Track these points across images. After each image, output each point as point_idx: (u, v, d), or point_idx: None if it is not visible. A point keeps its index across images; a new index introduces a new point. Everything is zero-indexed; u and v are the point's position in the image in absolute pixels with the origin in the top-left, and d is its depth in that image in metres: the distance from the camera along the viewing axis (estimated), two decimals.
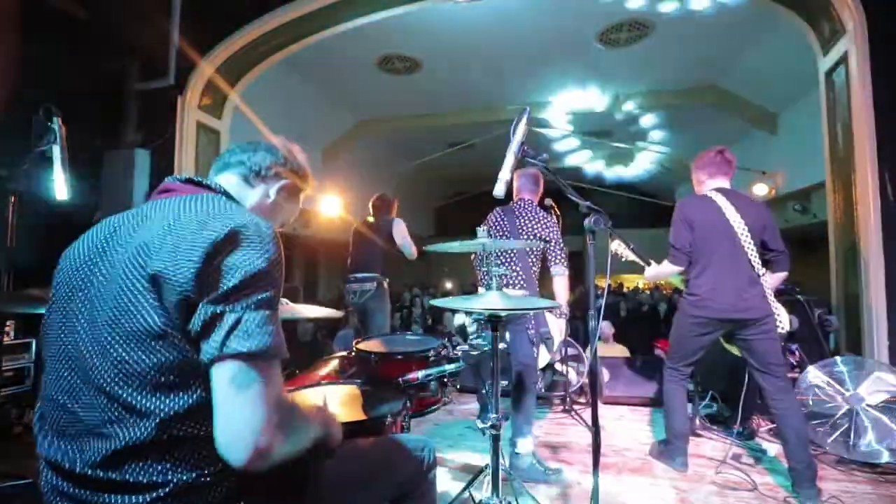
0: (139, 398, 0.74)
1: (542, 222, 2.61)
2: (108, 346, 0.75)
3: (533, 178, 2.73)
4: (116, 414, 0.74)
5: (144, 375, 0.74)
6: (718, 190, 2.44)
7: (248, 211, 0.92)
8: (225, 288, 0.74)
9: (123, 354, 0.74)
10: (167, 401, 0.74)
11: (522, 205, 2.67)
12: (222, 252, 0.75)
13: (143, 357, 0.74)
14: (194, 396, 0.76)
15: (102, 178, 4.21)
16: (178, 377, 0.75)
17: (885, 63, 2.93)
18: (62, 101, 2.25)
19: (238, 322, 0.73)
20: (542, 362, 2.67)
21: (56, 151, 2.13)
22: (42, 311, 1.80)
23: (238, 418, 0.71)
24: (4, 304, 1.90)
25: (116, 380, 0.74)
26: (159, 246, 0.76)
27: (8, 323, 3.29)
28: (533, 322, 2.53)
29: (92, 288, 0.80)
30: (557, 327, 2.66)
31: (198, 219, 0.80)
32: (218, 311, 0.73)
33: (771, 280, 2.39)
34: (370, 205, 4.05)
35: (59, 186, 2.16)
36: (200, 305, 0.73)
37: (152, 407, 0.74)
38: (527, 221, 2.61)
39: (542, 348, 2.64)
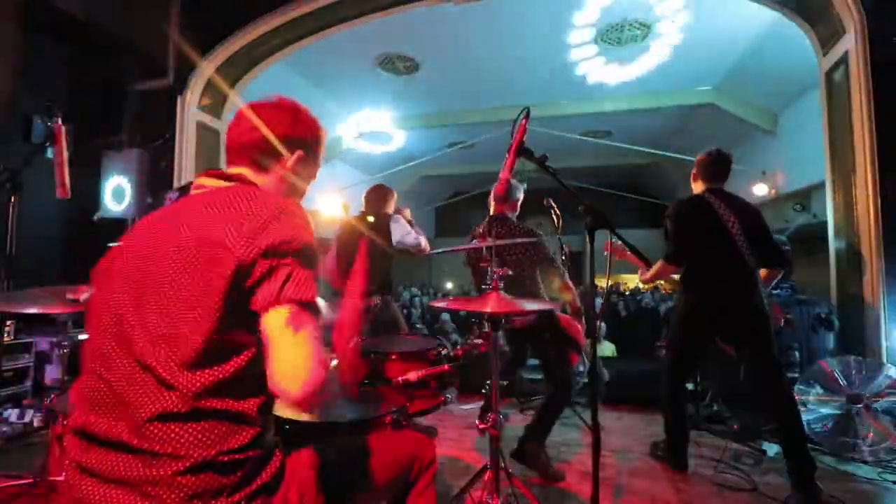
0: (173, 373, 0.79)
1: (520, 236, 2.45)
2: (158, 324, 0.82)
3: (504, 190, 2.44)
4: (150, 386, 0.80)
5: (184, 352, 0.80)
6: (710, 190, 2.46)
7: (278, 193, 0.99)
8: (278, 250, 0.83)
9: (167, 331, 0.81)
10: (199, 376, 0.80)
11: (497, 219, 2.54)
12: (271, 227, 0.84)
13: (188, 335, 0.80)
14: (225, 373, 0.82)
15: (102, 178, 4.22)
16: (214, 355, 0.81)
17: (885, 63, 2.93)
18: (62, 100, 2.24)
19: (290, 275, 0.83)
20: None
21: (56, 151, 2.13)
22: (42, 311, 1.80)
23: (294, 355, 0.80)
24: (4, 304, 1.89)
25: (156, 355, 0.80)
26: (217, 234, 0.83)
27: (8, 323, 3.29)
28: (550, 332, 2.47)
29: (148, 277, 0.85)
30: (581, 327, 2.59)
31: (247, 204, 0.87)
32: (274, 265, 0.83)
33: (764, 276, 2.40)
34: (363, 199, 3.36)
35: (60, 186, 2.15)
36: (257, 262, 0.82)
37: (184, 381, 0.79)
38: (502, 237, 2.41)
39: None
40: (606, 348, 5.39)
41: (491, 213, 2.63)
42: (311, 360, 0.80)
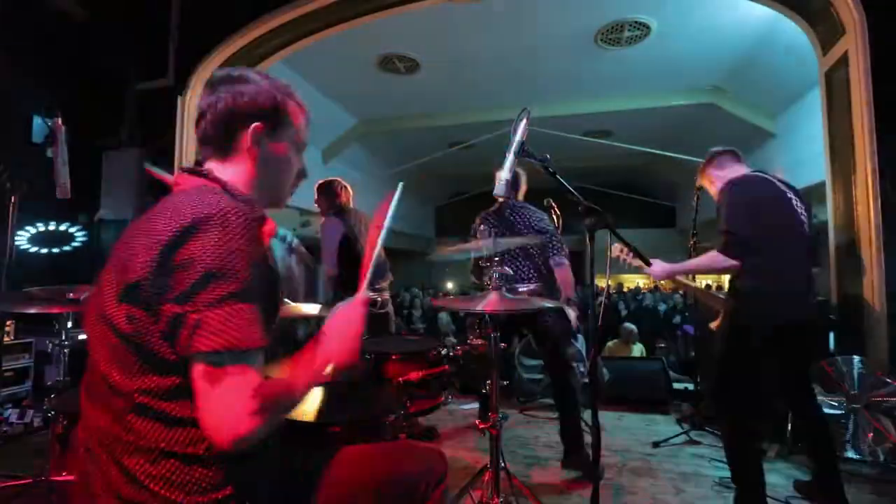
0: (116, 376, 0.79)
1: (535, 216, 2.60)
2: (103, 334, 0.80)
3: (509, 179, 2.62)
4: (104, 388, 0.80)
5: (121, 358, 0.78)
6: (758, 171, 2.15)
7: (225, 194, 0.86)
8: (185, 287, 0.73)
9: (109, 341, 0.79)
10: (137, 381, 0.78)
11: (509, 204, 2.63)
12: (179, 247, 0.74)
13: (121, 346, 0.78)
14: (164, 380, 0.78)
15: (102, 178, 4.21)
16: (149, 365, 0.78)
17: (885, 63, 2.92)
18: (62, 101, 2.24)
19: (201, 321, 0.73)
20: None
21: (56, 151, 2.13)
22: (42, 311, 1.80)
23: (214, 411, 0.73)
24: (4, 304, 1.90)
25: (105, 358, 0.80)
26: (135, 250, 0.78)
27: (8, 323, 3.29)
28: (552, 316, 2.48)
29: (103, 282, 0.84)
30: (571, 313, 2.61)
31: (165, 215, 0.79)
32: (180, 311, 0.73)
33: None
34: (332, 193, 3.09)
35: (60, 186, 2.15)
36: (164, 306, 0.74)
37: (125, 386, 0.78)
38: (522, 218, 2.59)
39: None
40: (636, 349, 5.40)
41: (500, 202, 2.62)
42: (232, 415, 0.72)
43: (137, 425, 0.78)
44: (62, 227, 4.06)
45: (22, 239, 3.80)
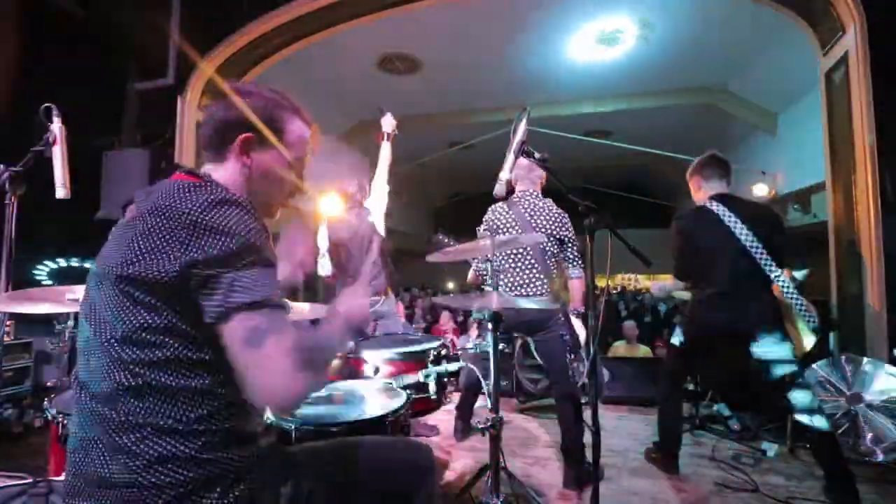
0: (122, 350, 0.80)
1: (557, 217, 2.39)
2: (112, 307, 0.83)
3: (527, 167, 2.44)
4: (106, 362, 0.82)
5: (130, 334, 0.81)
6: (714, 198, 2.33)
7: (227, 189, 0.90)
8: (217, 253, 0.78)
9: (116, 314, 0.82)
10: (142, 352, 0.80)
11: (527, 197, 2.45)
12: (205, 219, 0.79)
13: (132, 319, 0.81)
14: (168, 350, 0.81)
15: (102, 178, 4.21)
16: (156, 337, 0.81)
17: (885, 63, 2.93)
18: (62, 101, 2.24)
19: (234, 280, 0.78)
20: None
21: (56, 151, 2.12)
22: (41, 311, 1.80)
23: (262, 375, 0.75)
24: (4, 304, 1.89)
25: (111, 334, 0.82)
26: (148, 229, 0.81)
27: (8, 323, 3.29)
28: (566, 329, 2.34)
29: (106, 260, 0.86)
30: (580, 328, 2.49)
31: (175, 197, 0.83)
32: (213, 273, 0.78)
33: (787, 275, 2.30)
34: (348, 193, 3.22)
35: (59, 186, 2.15)
36: (194, 271, 0.78)
37: (132, 356, 0.80)
38: (540, 217, 2.38)
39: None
40: (640, 349, 5.38)
41: (517, 193, 2.48)
42: (281, 376, 0.75)
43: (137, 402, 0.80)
44: (73, 263, 4.07)
45: (42, 274, 3.89)
